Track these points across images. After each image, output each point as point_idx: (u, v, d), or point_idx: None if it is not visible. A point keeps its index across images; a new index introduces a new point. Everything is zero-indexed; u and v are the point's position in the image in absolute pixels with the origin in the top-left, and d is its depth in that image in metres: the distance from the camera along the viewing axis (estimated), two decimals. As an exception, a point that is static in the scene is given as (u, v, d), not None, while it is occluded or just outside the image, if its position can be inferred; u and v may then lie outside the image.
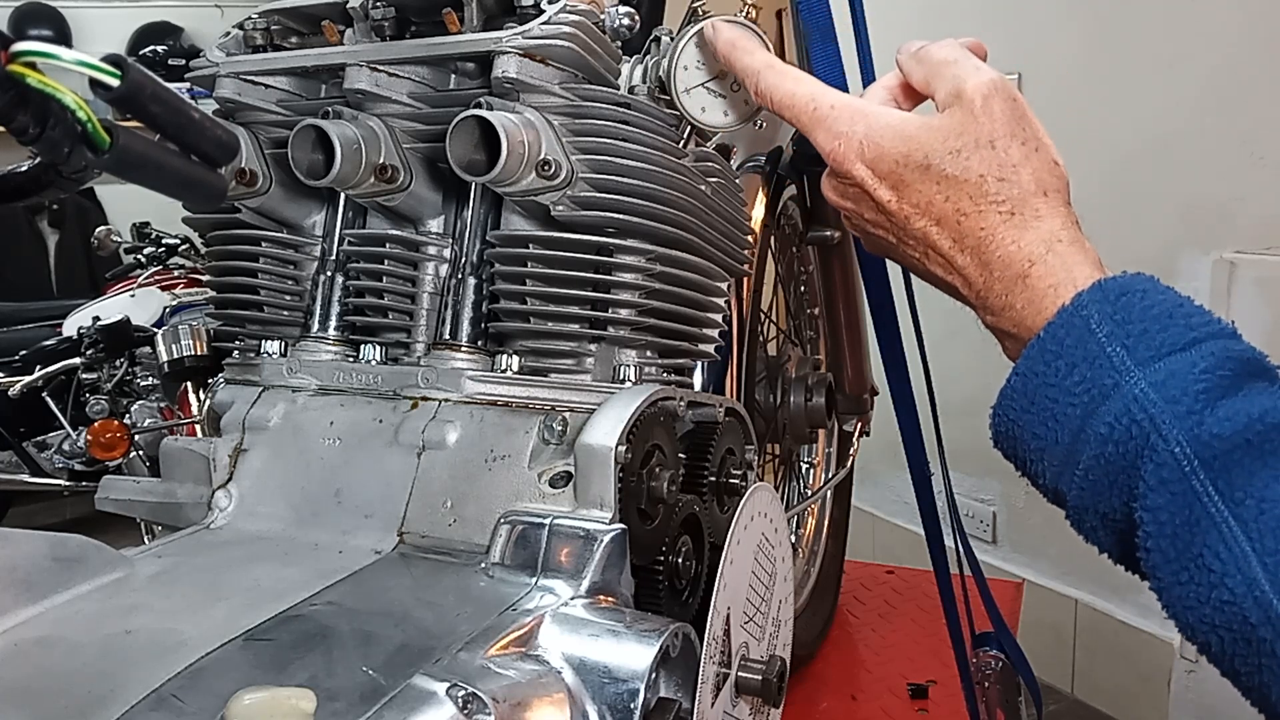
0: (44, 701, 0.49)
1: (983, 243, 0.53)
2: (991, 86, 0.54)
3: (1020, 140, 0.53)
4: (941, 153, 0.53)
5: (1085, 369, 0.48)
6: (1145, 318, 0.48)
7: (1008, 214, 0.52)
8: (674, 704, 0.57)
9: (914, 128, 0.55)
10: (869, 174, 0.56)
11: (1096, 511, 0.49)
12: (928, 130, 0.54)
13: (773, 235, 1.16)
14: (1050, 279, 0.51)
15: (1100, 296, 0.49)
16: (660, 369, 0.77)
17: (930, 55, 0.58)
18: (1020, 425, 0.52)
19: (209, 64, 0.78)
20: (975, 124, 0.53)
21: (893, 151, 0.55)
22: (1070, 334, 0.49)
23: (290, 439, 0.74)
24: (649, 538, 0.66)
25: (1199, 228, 1.94)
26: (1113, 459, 0.47)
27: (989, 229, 0.53)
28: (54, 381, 2.85)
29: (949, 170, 0.53)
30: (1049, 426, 0.50)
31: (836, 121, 0.57)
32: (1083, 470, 0.49)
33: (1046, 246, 0.52)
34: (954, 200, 0.53)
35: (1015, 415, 0.52)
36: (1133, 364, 0.47)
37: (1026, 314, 0.52)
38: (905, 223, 0.55)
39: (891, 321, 0.90)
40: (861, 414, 1.42)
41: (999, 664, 1.04)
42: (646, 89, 0.75)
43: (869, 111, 0.57)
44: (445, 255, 0.76)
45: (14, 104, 0.43)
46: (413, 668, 0.50)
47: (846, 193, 0.59)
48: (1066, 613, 2.33)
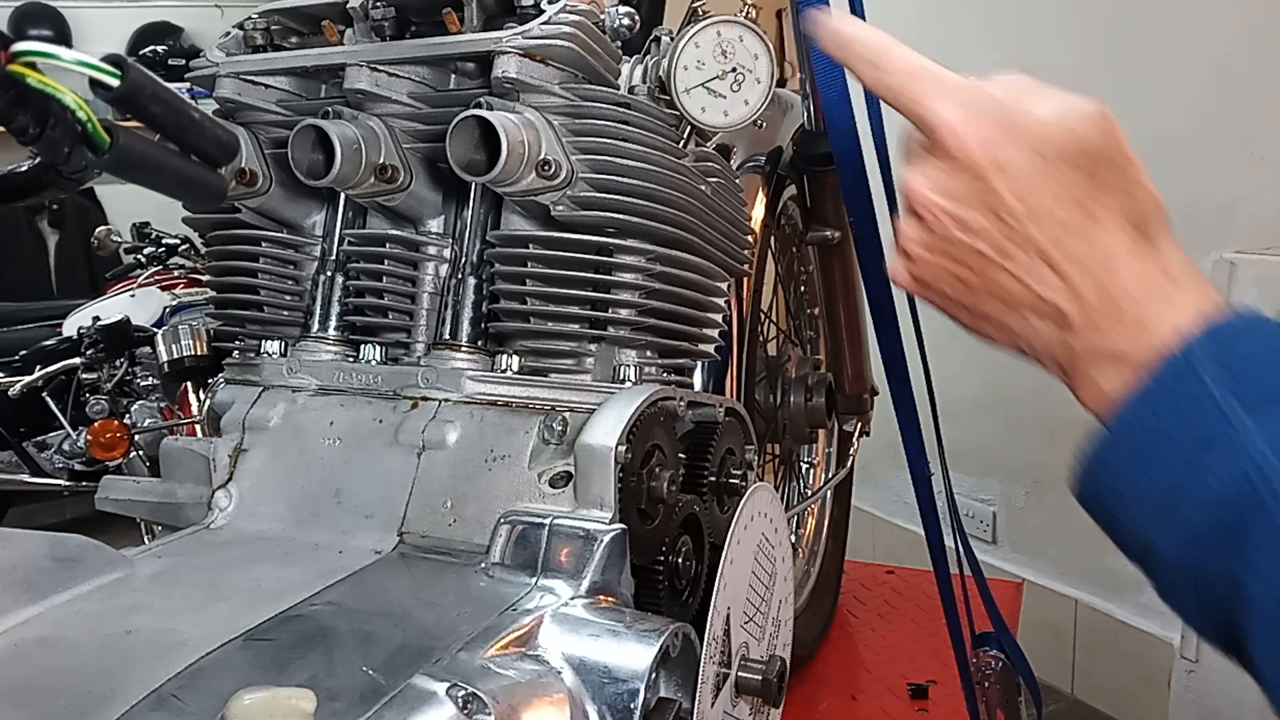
0: (44, 701, 0.49)
1: (1112, 258, 0.48)
2: (1106, 115, 0.49)
3: (1135, 163, 0.50)
4: (1079, 153, 0.48)
5: (1194, 418, 0.45)
6: (1262, 364, 0.45)
7: (1139, 233, 0.49)
8: (674, 704, 0.57)
9: (1052, 119, 0.49)
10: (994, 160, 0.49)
11: (1192, 574, 0.46)
12: (1064, 130, 0.48)
13: (773, 235, 1.16)
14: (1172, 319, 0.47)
15: (1214, 341, 0.46)
16: (660, 369, 0.77)
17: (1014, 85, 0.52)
18: (1117, 474, 0.48)
19: (209, 64, 0.78)
20: (1104, 135, 0.49)
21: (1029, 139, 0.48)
22: (1180, 381, 0.46)
23: (290, 439, 0.74)
24: (649, 538, 0.66)
25: (1199, 228, 1.94)
26: (1222, 518, 0.44)
27: (1119, 244, 0.48)
28: (54, 381, 2.85)
29: (1088, 173, 0.48)
30: (1152, 478, 0.46)
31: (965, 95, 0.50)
32: (1186, 527, 0.45)
33: (1169, 278, 0.49)
34: (1089, 208, 0.48)
35: (1112, 463, 0.48)
36: (1246, 413, 0.44)
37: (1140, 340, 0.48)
38: (1024, 228, 0.49)
39: (891, 321, 0.90)
40: (861, 414, 1.42)
41: (999, 664, 1.04)
42: (646, 89, 0.75)
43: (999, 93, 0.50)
44: (445, 255, 0.76)
45: (14, 104, 0.43)
46: (413, 668, 0.50)
47: (949, 184, 0.50)
48: (1066, 613, 2.33)
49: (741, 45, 0.72)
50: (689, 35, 0.72)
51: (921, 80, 0.51)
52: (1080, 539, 2.28)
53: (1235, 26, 1.87)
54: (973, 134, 0.48)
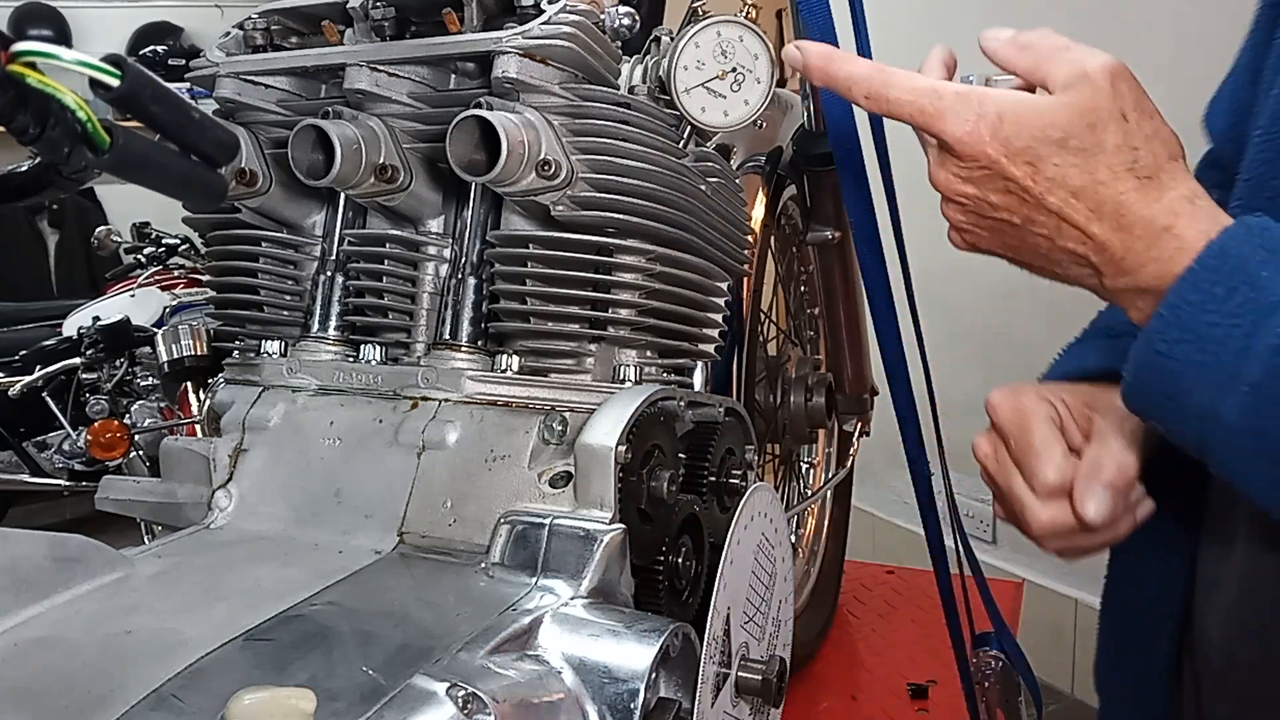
0: (44, 701, 0.49)
1: (1123, 206, 0.54)
2: (1116, 66, 0.56)
3: (1149, 115, 0.56)
4: (1079, 126, 0.55)
5: (1247, 290, 0.50)
6: None
7: (1145, 179, 0.54)
8: (674, 704, 0.57)
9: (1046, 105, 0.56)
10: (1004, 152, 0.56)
11: (1258, 431, 0.50)
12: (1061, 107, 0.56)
13: (773, 235, 1.16)
14: (1199, 225, 0.53)
15: (1246, 230, 0.52)
16: (660, 369, 0.77)
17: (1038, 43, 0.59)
18: (1173, 357, 0.52)
19: (209, 64, 0.78)
20: (1107, 99, 0.55)
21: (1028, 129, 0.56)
22: (1225, 261, 0.51)
23: (290, 439, 0.74)
24: (649, 538, 0.66)
25: (1199, 228, 1.93)
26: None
27: (1128, 192, 0.54)
28: (54, 381, 2.85)
29: (1086, 143, 0.55)
30: (1209, 351, 0.50)
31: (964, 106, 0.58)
32: (1249, 386, 0.49)
33: (1189, 201, 0.54)
34: (1091, 171, 0.55)
35: (1166, 348, 0.52)
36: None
37: (1176, 260, 0.53)
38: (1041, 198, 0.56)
39: (891, 321, 0.90)
40: (861, 414, 1.42)
41: (999, 664, 1.04)
42: (646, 89, 0.75)
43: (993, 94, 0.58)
44: (445, 255, 0.76)
45: (14, 104, 0.43)
46: (413, 668, 0.50)
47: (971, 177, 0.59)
48: (1066, 613, 2.33)
49: (741, 45, 0.72)
50: (689, 35, 0.72)
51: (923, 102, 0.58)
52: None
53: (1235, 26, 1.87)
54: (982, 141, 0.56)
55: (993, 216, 0.59)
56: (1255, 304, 0.49)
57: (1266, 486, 0.51)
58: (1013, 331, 2.22)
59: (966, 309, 2.05)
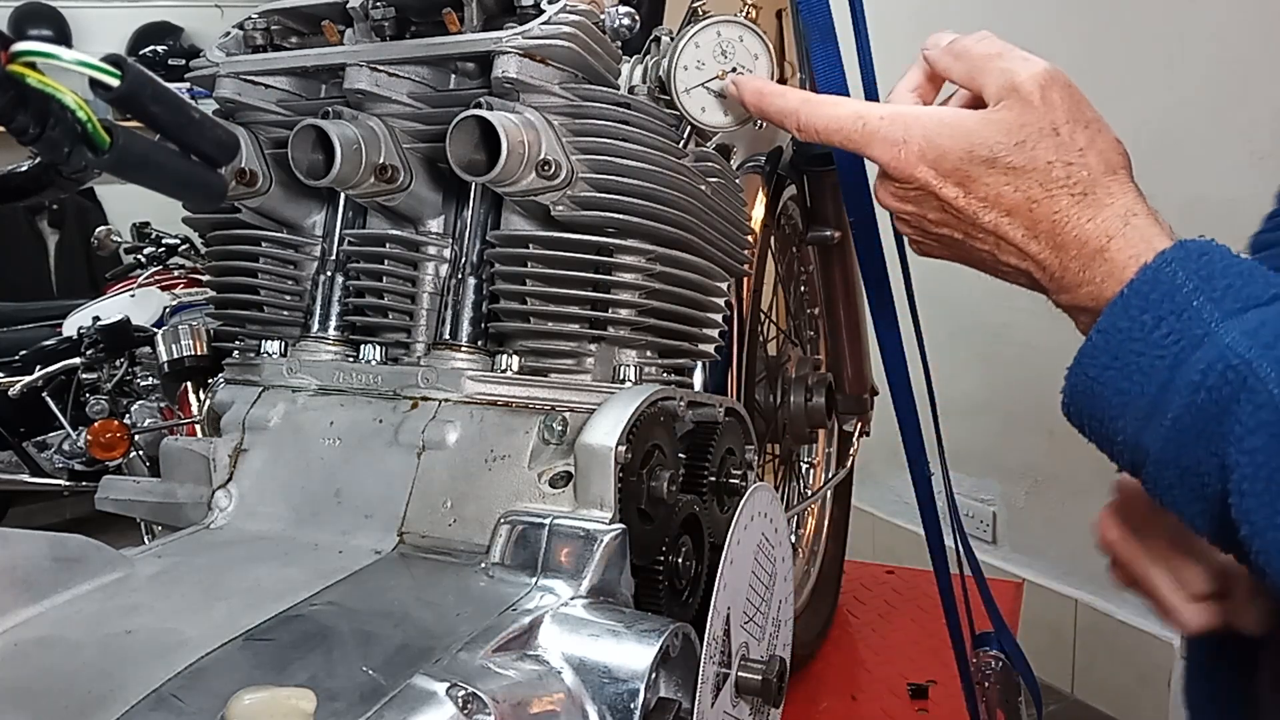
0: (44, 701, 0.49)
1: (1057, 225, 0.54)
2: (1047, 76, 0.55)
3: (1083, 125, 0.54)
4: (1006, 145, 0.54)
5: (1173, 321, 0.49)
6: (1228, 274, 0.49)
7: (1080, 195, 0.54)
8: (674, 704, 0.57)
9: (974, 123, 0.55)
10: (933, 174, 0.56)
11: (1180, 465, 0.49)
12: (989, 124, 0.55)
13: (773, 235, 1.16)
14: (1130, 250, 0.52)
15: (1183, 254, 0.50)
16: (660, 369, 0.77)
17: (970, 50, 0.59)
18: (1101, 383, 0.52)
19: (209, 64, 0.78)
20: (1036, 113, 0.54)
21: (956, 149, 0.55)
22: (1155, 289, 0.50)
23: (290, 439, 0.74)
24: (649, 538, 0.66)
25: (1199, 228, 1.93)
26: (1204, 406, 0.47)
27: (1062, 212, 0.54)
28: (54, 381, 2.85)
29: (1016, 161, 0.54)
30: (1134, 380, 0.50)
31: (890, 130, 0.57)
32: (1170, 420, 0.48)
33: (1123, 221, 0.53)
34: (1023, 190, 0.54)
35: (1096, 373, 0.52)
36: (1221, 315, 0.48)
37: (1106, 285, 0.52)
38: (975, 217, 0.56)
39: (891, 321, 0.90)
40: (861, 414, 1.42)
41: (999, 664, 1.03)
42: (646, 89, 0.75)
43: (920, 114, 0.58)
44: (445, 255, 0.76)
45: (14, 104, 0.43)
46: (413, 668, 0.50)
47: (907, 197, 0.59)
48: (1066, 613, 2.33)
49: (741, 45, 0.72)
50: (689, 35, 0.72)
51: (848, 130, 0.59)
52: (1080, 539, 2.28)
53: (1235, 25, 1.87)
54: (910, 165, 0.57)
55: (935, 232, 0.59)
56: (1180, 335, 0.49)
57: (1194, 515, 0.51)
58: (1013, 331, 2.22)
59: (966, 309, 2.05)
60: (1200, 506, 0.50)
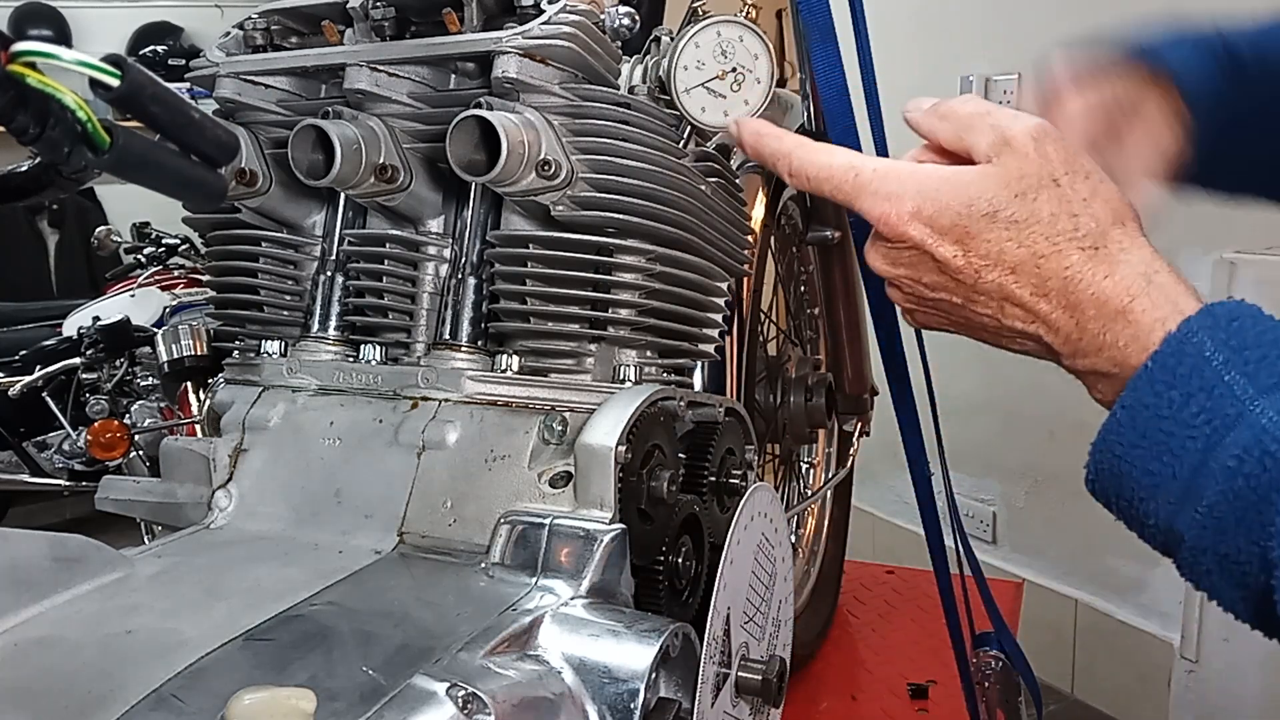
0: (44, 701, 0.49)
1: (1069, 283, 0.50)
2: (1039, 129, 0.52)
3: (1083, 175, 0.51)
4: (1006, 197, 0.51)
5: (1203, 399, 0.45)
6: (1261, 343, 0.46)
7: (1090, 249, 0.50)
8: (674, 704, 0.57)
9: (970, 176, 0.52)
10: (929, 232, 0.53)
11: (1218, 553, 0.46)
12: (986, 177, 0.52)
13: (773, 235, 1.16)
14: (1156, 312, 0.48)
15: (1211, 323, 0.47)
16: (660, 369, 0.77)
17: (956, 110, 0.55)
18: (1129, 462, 0.48)
19: (209, 64, 0.78)
20: (1033, 164, 0.51)
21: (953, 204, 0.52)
22: (1183, 362, 0.46)
23: (290, 439, 0.74)
24: (649, 538, 0.66)
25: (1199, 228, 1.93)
26: (1243, 493, 0.44)
27: (1073, 268, 0.50)
28: (54, 381, 2.85)
29: (1018, 214, 0.51)
30: (1164, 462, 0.47)
31: (884, 184, 0.54)
32: (1206, 508, 0.45)
33: (1145, 279, 0.49)
34: (1028, 244, 0.51)
35: (1123, 452, 0.48)
36: (1255, 391, 0.45)
37: (1131, 351, 0.49)
38: (976, 277, 0.52)
39: (891, 321, 0.90)
40: (861, 414, 1.42)
41: (999, 664, 1.03)
42: (646, 89, 0.75)
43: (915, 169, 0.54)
44: (445, 255, 0.76)
45: (14, 104, 0.43)
46: (413, 668, 0.50)
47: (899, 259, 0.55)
48: (1066, 613, 2.33)
49: (741, 45, 0.72)
50: (689, 35, 0.72)
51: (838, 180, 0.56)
52: (1080, 539, 2.28)
53: (1235, 26, 1.87)
54: (903, 221, 0.53)
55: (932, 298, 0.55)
56: (1213, 414, 0.45)
57: (1234, 602, 0.47)
58: (1013, 331, 2.21)
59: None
60: (1241, 594, 0.47)
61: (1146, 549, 0.51)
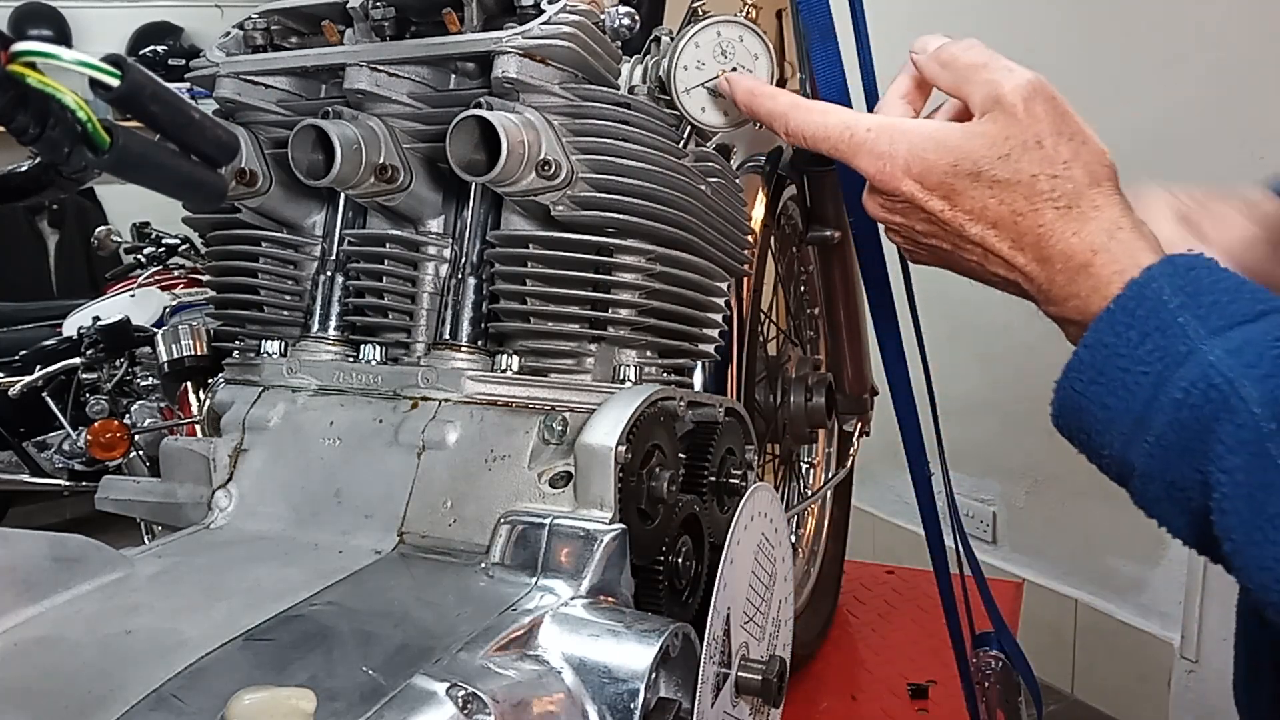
0: (44, 701, 0.49)
1: (1042, 239, 0.54)
2: (1031, 88, 0.55)
3: (1067, 137, 0.55)
4: (990, 159, 0.55)
5: (1158, 338, 0.49)
6: (1215, 290, 0.49)
7: (1064, 209, 0.54)
8: (674, 704, 0.57)
9: (958, 137, 0.56)
10: (918, 188, 0.57)
11: (1164, 480, 0.49)
12: (973, 138, 0.55)
13: (773, 235, 1.16)
14: (1115, 265, 0.52)
15: (1170, 270, 0.50)
16: (660, 369, 0.77)
17: (957, 59, 0.59)
18: (1088, 397, 0.52)
19: (209, 64, 0.78)
20: (1020, 126, 0.54)
21: (940, 163, 0.56)
22: (1141, 305, 0.50)
23: (290, 439, 0.74)
24: (649, 538, 0.66)
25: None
26: (1187, 423, 0.48)
27: (1047, 225, 0.54)
28: (54, 381, 2.85)
29: (1000, 174, 0.54)
30: (1119, 396, 0.50)
31: (876, 143, 0.58)
32: (1154, 437, 0.49)
33: (1109, 235, 0.53)
34: (1008, 202, 0.55)
35: (1082, 387, 0.52)
36: (1205, 332, 0.48)
37: (1092, 300, 0.53)
38: (961, 230, 0.56)
39: (891, 321, 0.90)
40: (861, 414, 1.42)
41: (999, 664, 1.04)
42: (646, 89, 0.75)
43: (907, 127, 0.58)
44: (445, 255, 0.76)
45: (14, 104, 0.43)
46: (413, 668, 0.50)
47: (894, 208, 0.60)
48: (1066, 613, 2.33)
49: (741, 45, 0.72)
50: (689, 35, 0.72)
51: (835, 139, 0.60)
52: (1080, 539, 2.28)
53: (1234, 26, 1.87)
54: (896, 178, 0.57)
55: (924, 243, 0.60)
56: (1165, 352, 0.49)
57: (1180, 528, 0.51)
58: (1013, 332, 2.22)
59: (966, 308, 2.05)
60: (1185, 520, 0.50)
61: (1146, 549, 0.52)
